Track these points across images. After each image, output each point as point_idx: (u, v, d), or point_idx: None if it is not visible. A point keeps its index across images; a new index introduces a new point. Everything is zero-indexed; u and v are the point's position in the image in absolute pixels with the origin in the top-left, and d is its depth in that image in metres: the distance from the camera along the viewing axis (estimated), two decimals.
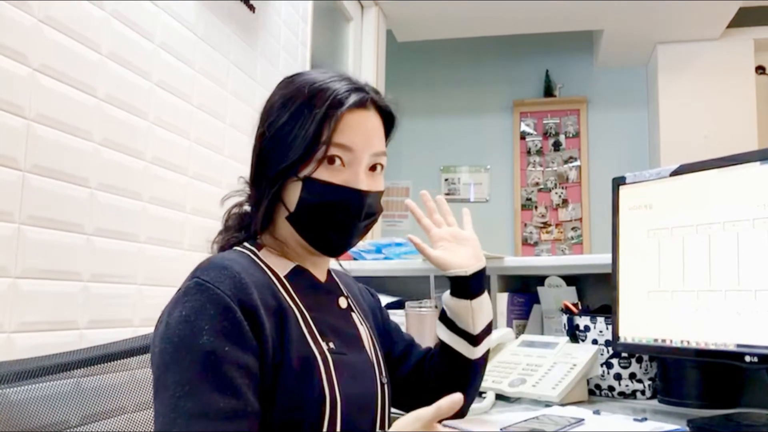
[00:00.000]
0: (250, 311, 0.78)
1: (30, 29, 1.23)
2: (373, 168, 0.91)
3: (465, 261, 1.03)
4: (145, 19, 1.57)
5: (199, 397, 0.72)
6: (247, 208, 0.97)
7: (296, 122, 0.87)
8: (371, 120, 0.91)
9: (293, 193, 0.88)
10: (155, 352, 0.78)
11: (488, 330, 1.05)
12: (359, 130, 0.88)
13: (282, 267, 0.90)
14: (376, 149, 0.90)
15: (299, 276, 0.91)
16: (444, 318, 1.05)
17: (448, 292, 1.04)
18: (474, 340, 1.02)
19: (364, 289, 1.11)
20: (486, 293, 1.05)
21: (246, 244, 0.92)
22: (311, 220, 0.88)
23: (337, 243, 0.91)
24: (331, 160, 0.87)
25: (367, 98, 0.90)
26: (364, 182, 0.88)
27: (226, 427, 0.71)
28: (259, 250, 0.91)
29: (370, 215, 0.91)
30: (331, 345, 0.86)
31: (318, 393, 0.80)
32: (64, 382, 0.99)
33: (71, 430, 0.98)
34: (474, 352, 1.03)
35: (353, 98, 0.88)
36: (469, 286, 1.02)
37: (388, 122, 0.96)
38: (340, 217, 0.88)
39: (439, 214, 1.12)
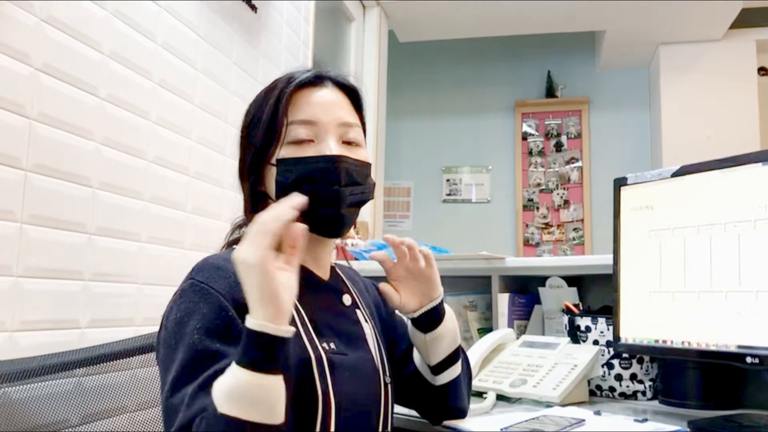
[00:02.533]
0: (244, 310, 0.77)
1: (32, 29, 1.23)
2: (348, 142, 0.91)
3: (415, 302, 0.99)
4: (146, 18, 1.57)
5: (184, 395, 0.71)
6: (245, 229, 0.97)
7: (259, 113, 0.91)
8: (329, 94, 0.92)
9: (273, 182, 0.89)
10: (159, 357, 0.80)
11: (450, 360, 1.00)
12: (317, 103, 0.90)
13: None
14: (342, 120, 0.91)
15: (298, 274, 0.90)
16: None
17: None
18: (432, 369, 1.00)
19: (371, 284, 1.10)
20: (447, 325, 0.99)
21: None
22: None
23: (330, 217, 0.88)
24: (300, 140, 0.88)
25: (318, 73, 0.93)
26: (335, 149, 0.88)
27: (195, 418, 0.69)
28: None
29: (354, 183, 0.89)
30: (332, 345, 0.85)
31: (311, 394, 0.79)
32: (66, 381, 0.99)
33: (72, 429, 0.98)
34: (435, 380, 1.01)
35: (304, 76, 0.91)
36: (420, 325, 0.99)
37: (354, 98, 0.96)
38: (321, 188, 0.87)
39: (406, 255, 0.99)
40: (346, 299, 0.95)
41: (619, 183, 1.27)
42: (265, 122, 0.89)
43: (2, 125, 1.16)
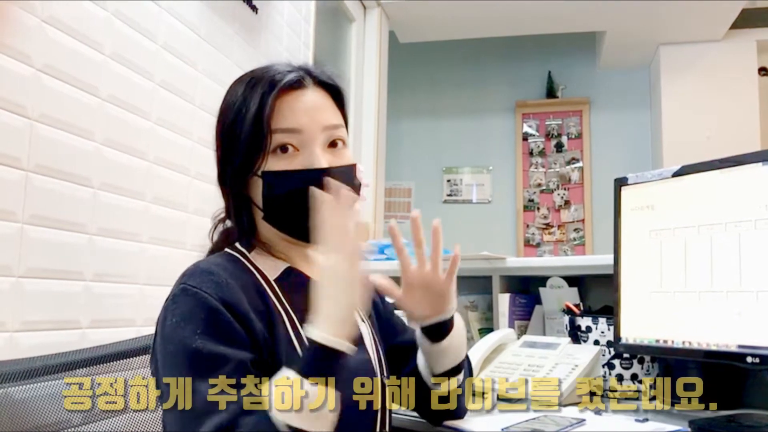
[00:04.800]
0: (237, 313, 0.78)
1: (33, 29, 1.23)
2: (332, 144, 0.89)
3: (424, 312, 0.96)
4: (147, 19, 1.57)
5: (204, 397, 0.72)
6: (229, 223, 0.95)
7: (239, 118, 0.86)
8: (311, 97, 0.88)
9: (259, 192, 0.87)
10: (158, 366, 0.79)
11: (455, 371, 0.99)
12: (300, 109, 0.86)
13: (272, 269, 0.88)
14: (326, 123, 0.88)
15: (291, 278, 0.89)
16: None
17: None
18: (433, 376, 0.99)
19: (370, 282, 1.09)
20: (453, 339, 0.97)
21: (237, 245, 0.91)
22: (282, 214, 0.86)
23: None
24: (284, 149, 0.85)
25: (300, 76, 0.88)
26: (322, 160, 0.85)
27: (238, 420, 0.71)
28: (249, 252, 0.90)
29: None
30: None
31: None
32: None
33: (74, 429, 0.98)
34: (434, 387, 1.00)
35: (286, 79, 0.87)
36: (427, 334, 0.97)
37: (336, 95, 0.93)
38: (308, 201, 0.83)
39: (427, 247, 0.97)
40: None
41: (620, 183, 1.27)
42: (246, 131, 0.85)
43: (3, 126, 1.16)
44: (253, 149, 0.85)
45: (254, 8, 2.13)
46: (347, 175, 0.89)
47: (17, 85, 1.19)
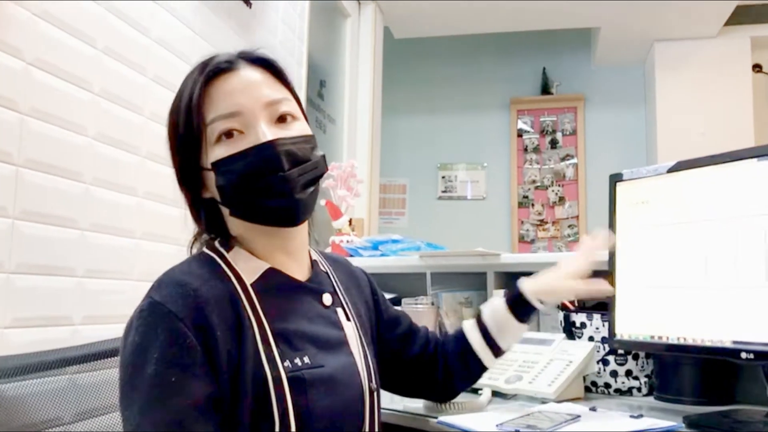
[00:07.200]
0: (204, 332, 0.74)
1: (25, 23, 1.22)
2: (281, 119, 0.84)
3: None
4: (141, 14, 1.56)
5: (148, 428, 0.70)
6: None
7: (178, 115, 0.84)
8: (245, 76, 0.85)
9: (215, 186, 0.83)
10: (119, 376, 0.76)
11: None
12: (235, 91, 0.83)
13: (251, 272, 0.83)
14: (266, 99, 0.84)
15: (270, 280, 0.84)
16: (480, 321, 1.07)
17: (503, 300, 1.07)
18: (499, 354, 1.08)
19: (364, 276, 1.06)
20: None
21: (216, 244, 0.87)
22: (241, 200, 0.82)
23: (282, 206, 0.82)
24: (229, 134, 0.81)
25: (229, 59, 0.87)
26: (268, 134, 0.81)
27: None
28: (228, 251, 0.85)
29: (299, 162, 0.82)
30: (305, 360, 0.80)
31: (268, 417, 0.75)
32: (58, 378, 0.98)
33: (64, 427, 0.98)
34: (492, 363, 1.09)
35: (210, 67, 0.85)
36: (533, 314, 1.08)
37: (275, 72, 0.90)
38: (264, 178, 0.80)
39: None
40: (326, 299, 0.89)
41: (615, 179, 1.27)
42: (182, 127, 0.82)
43: None
44: (193, 144, 0.82)
45: (249, 4, 2.12)
46: (303, 146, 0.84)
47: (8, 79, 1.18)
